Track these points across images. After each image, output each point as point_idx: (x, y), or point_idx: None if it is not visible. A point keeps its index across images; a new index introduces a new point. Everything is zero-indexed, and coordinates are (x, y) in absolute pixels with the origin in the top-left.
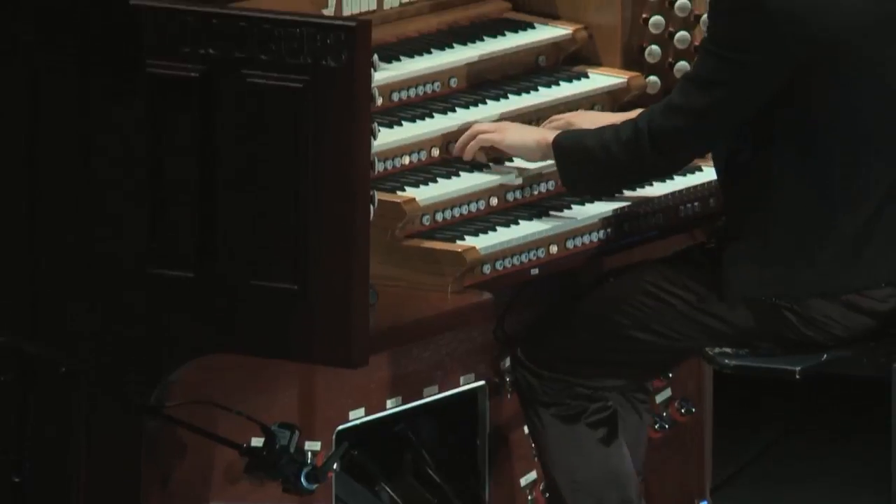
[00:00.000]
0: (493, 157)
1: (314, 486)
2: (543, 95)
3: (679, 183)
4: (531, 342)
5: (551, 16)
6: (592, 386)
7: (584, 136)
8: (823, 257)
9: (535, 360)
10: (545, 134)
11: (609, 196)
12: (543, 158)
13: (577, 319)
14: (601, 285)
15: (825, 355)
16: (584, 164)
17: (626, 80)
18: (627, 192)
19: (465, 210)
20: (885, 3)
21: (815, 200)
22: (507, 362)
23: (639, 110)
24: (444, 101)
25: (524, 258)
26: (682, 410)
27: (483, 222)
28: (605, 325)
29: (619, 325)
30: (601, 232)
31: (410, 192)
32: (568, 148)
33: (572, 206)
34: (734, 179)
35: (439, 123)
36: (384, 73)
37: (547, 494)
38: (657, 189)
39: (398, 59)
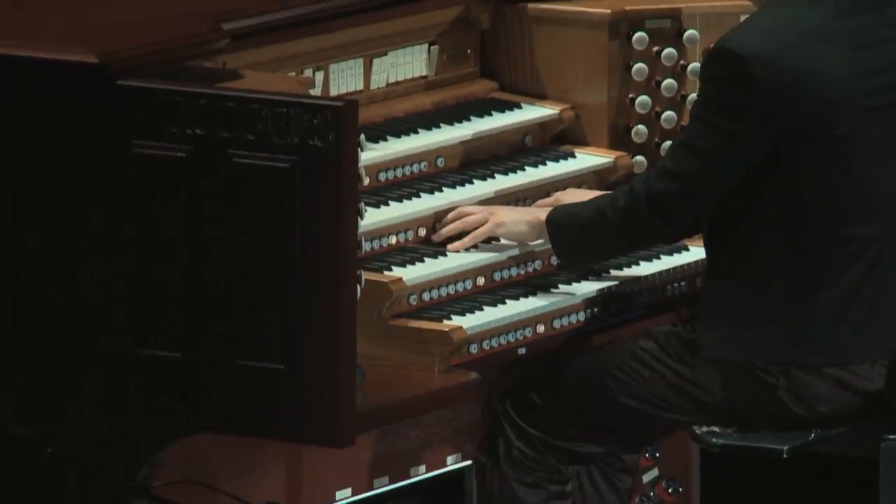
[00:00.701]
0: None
1: None
2: (530, 175)
3: (665, 262)
4: (521, 396)
5: (538, 96)
6: (571, 450)
7: (577, 208)
8: (799, 325)
9: (521, 415)
10: (537, 213)
11: (604, 263)
12: (538, 238)
13: (568, 379)
14: (597, 348)
15: (813, 434)
16: (579, 234)
17: (612, 159)
18: (614, 272)
19: (451, 289)
20: (870, 78)
21: (794, 270)
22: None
23: None
24: (431, 181)
25: (511, 338)
26: (670, 490)
27: (470, 302)
28: (594, 387)
29: (607, 388)
30: (588, 311)
31: (397, 271)
32: (562, 222)
33: (559, 285)
34: (717, 241)
35: (426, 203)
36: (371, 153)
37: None
38: (644, 269)
39: (385, 139)
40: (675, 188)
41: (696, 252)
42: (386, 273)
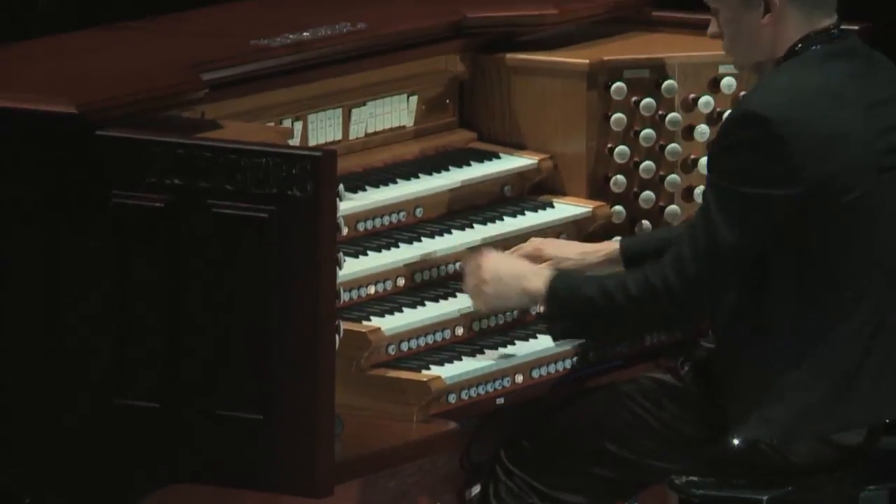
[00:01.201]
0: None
1: None
2: (509, 225)
3: None
4: (514, 440)
5: (517, 146)
6: (553, 497)
7: (580, 284)
8: (811, 399)
9: (511, 458)
10: (531, 282)
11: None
12: (532, 304)
13: (555, 423)
14: (583, 394)
15: (791, 486)
16: (582, 315)
17: (591, 209)
18: None
19: (430, 339)
20: (884, 136)
21: (808, 342)
22: (474, 491)
23: (607, 241)
24: (409, 231)
25: (489, 387)
26: None
27: (449, 352)
28: (578, 432)
29: (592, 433)
30: (567, 361)
31: (376, 321)
32: (564, 297)
33: (538, 335)
34: (727, 317)
35: (405, 253)
36: (350, 203)
37: None
38: None
39: (364, 189)
40: (701, 271)
41: None
42: (364, 323)
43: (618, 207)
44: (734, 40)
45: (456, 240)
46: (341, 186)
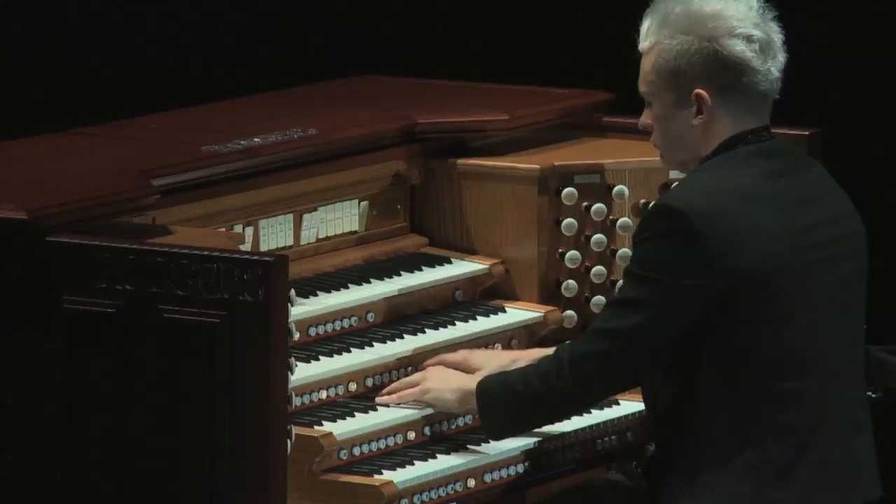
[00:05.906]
0: None
1: None
2: (461, 330)
3: (596, 416)
4: None
5: (468, 250)
6: None
7: (507, 375)
8: (755, 483)
9: None
10: (467, 381)
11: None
12: (464, 407)
13: None
14: None
15: None
16: (505, 404)
17: (543, 314)
18: (545, 427)
19: (382, 444)
20: (806, 234)
21: (741, 436)
22: None
23: (536, 348)
24: (361, 336)
25: (442, 492)
26: None
27: (401, 456)
28: None
29: None
30: (519, 466)
31: (328, 426)
32: (491, 390)
33: (490, 440)
34: (662, 415)
35: (357, 358)
36: (301, 308)
37: None
38: (574, 423)
39: (315, 294)
40: (604, 348)
41: (626, 406)
42: (316, 428)
43: (569, 312)
44: (663, 136)
45: (407, 345)
46: (293, 292)
